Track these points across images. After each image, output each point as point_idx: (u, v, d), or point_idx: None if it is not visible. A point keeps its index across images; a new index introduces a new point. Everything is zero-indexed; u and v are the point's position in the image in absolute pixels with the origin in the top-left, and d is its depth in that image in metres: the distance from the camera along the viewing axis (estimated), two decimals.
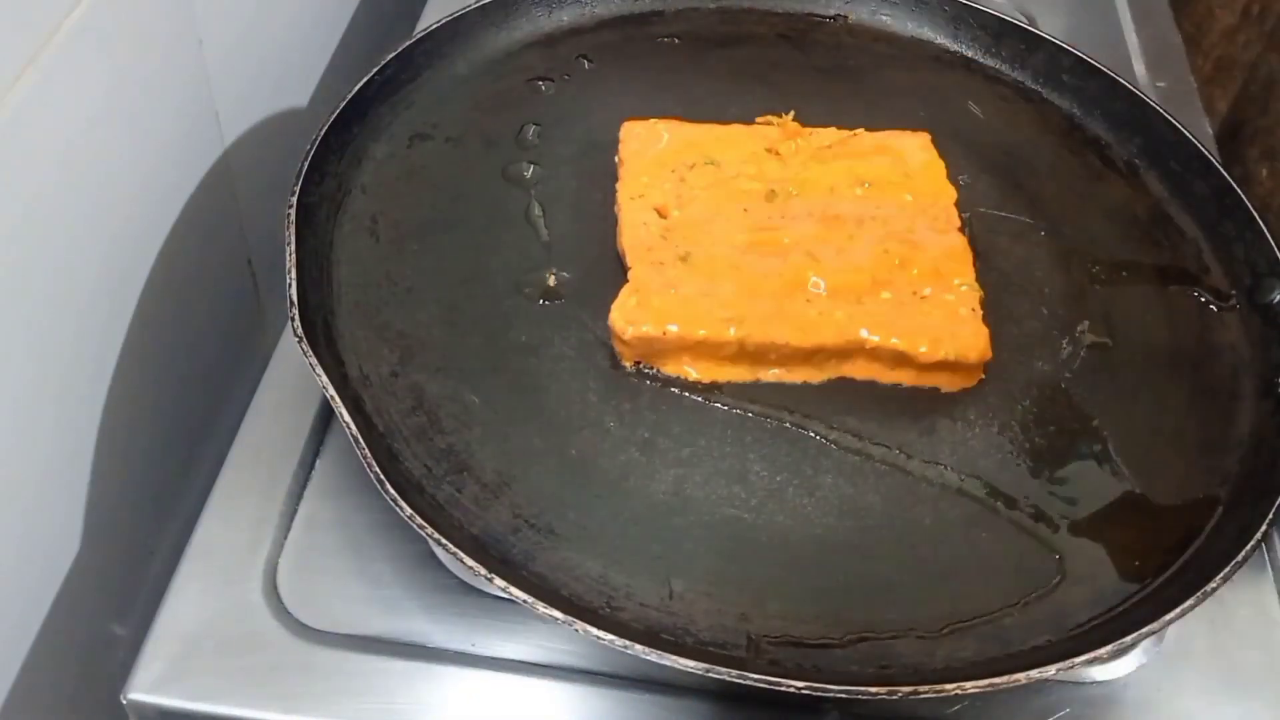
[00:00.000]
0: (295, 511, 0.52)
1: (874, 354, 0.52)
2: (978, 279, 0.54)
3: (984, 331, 0.52)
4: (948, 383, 0.52)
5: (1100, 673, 0.49)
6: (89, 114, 0.50)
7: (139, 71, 0.54)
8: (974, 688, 0.42)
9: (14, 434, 0.49)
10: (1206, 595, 0.44)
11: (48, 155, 0.48)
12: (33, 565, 0.52)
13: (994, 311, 0.53)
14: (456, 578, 0.50)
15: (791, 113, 0.60)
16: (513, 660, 0.48)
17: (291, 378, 0.57)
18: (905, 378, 0.52)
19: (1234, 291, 0.58)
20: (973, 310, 0.53)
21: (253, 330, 0.72)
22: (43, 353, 0.50)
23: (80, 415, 0.54)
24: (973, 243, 0.56)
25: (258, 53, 0.66)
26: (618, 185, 0.57)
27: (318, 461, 0.54)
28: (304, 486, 0.53)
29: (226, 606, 0.49)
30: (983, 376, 0.53)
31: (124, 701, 0.47)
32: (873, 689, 0.42)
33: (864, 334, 0.51)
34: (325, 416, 0.55)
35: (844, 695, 0.41)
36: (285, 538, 0.51)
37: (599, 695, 0.47)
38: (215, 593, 0.49)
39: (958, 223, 0.56)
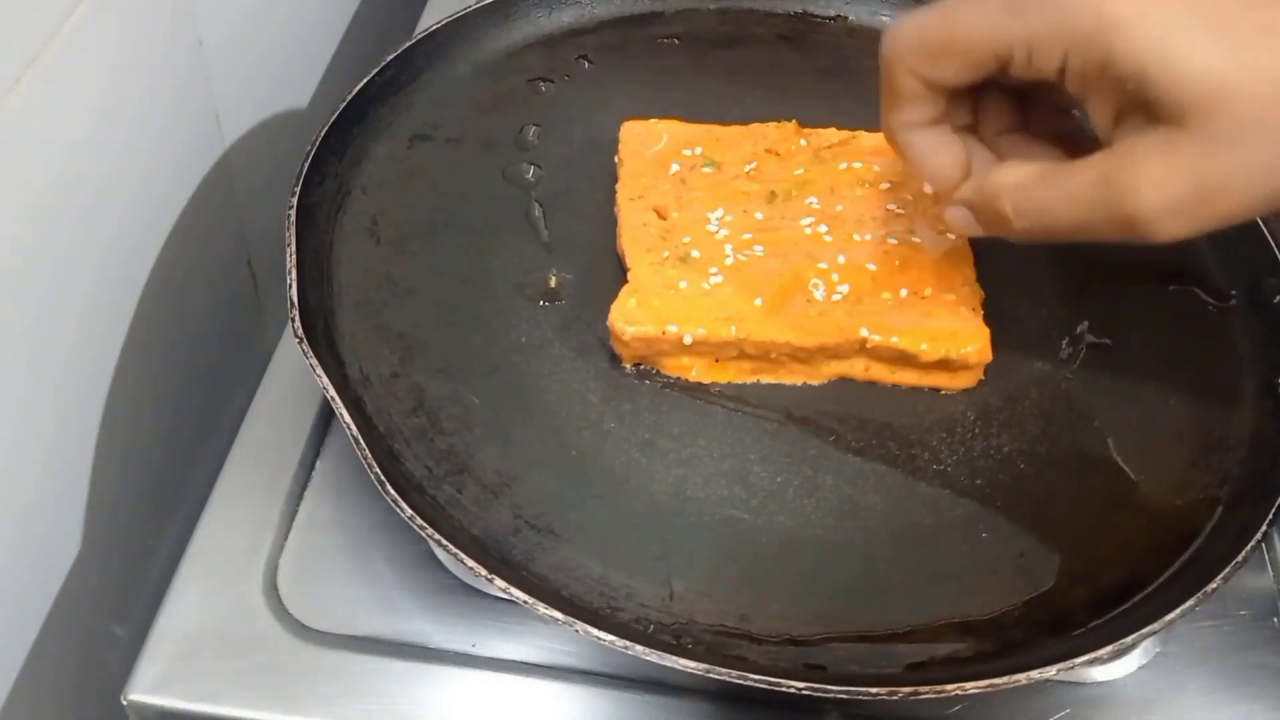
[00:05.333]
0: (295, 512, 0.53)
1: (874, 353, 0.52)
2: (978, 279, 0.54)
3: (985, 332, 0.52)
4: (948, 383, 0.52)
5: (1100, 673, 0.49)
6: (89, 115, 0.50)
7: (139, 72, 0.54)
8: (974, 688, 0.42)
9: (14, 434, 0.49)
10: (1207, 595, 0.44)
11: (48, 156, 0.48)
12: (33, 565, 0.52)
13: (994, 312, 0.53)
14: (457, 578, 0.50)
15: (794, 121, 0.60)
16: (513, 661, 0.48)
17: (291, 378, 0.57)
18: (905, 378, 0.52)
19: (1234, 291, 0.58)
20: (973, 310, 0.53)
21: (253, 330, 0.72)
22: (43, 353, 0.50)
23: (80, 415, 0.54)
24: (972, 243, 0.56)
25: (258, 53, 0.66)
26: (617, 186, 0.57)
27: (318, 462, 0.54)
28: (304, 487, 0.53)
29: (226, 607, 0.49)
30: (982, 377, 0.53)
31: (124, 702, 0.47)
32: (873, 689, 0.42)
33: (864, 333, 0.51)
34: (325, 417, 0.55)
35: (844, 695, 0.42)
36: (285, 538, 0.52)
37: (599, 695, 0.48)
38: (215, 593, 0.49)
39: None
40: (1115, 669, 0.49)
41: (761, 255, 0.53)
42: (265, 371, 0.58)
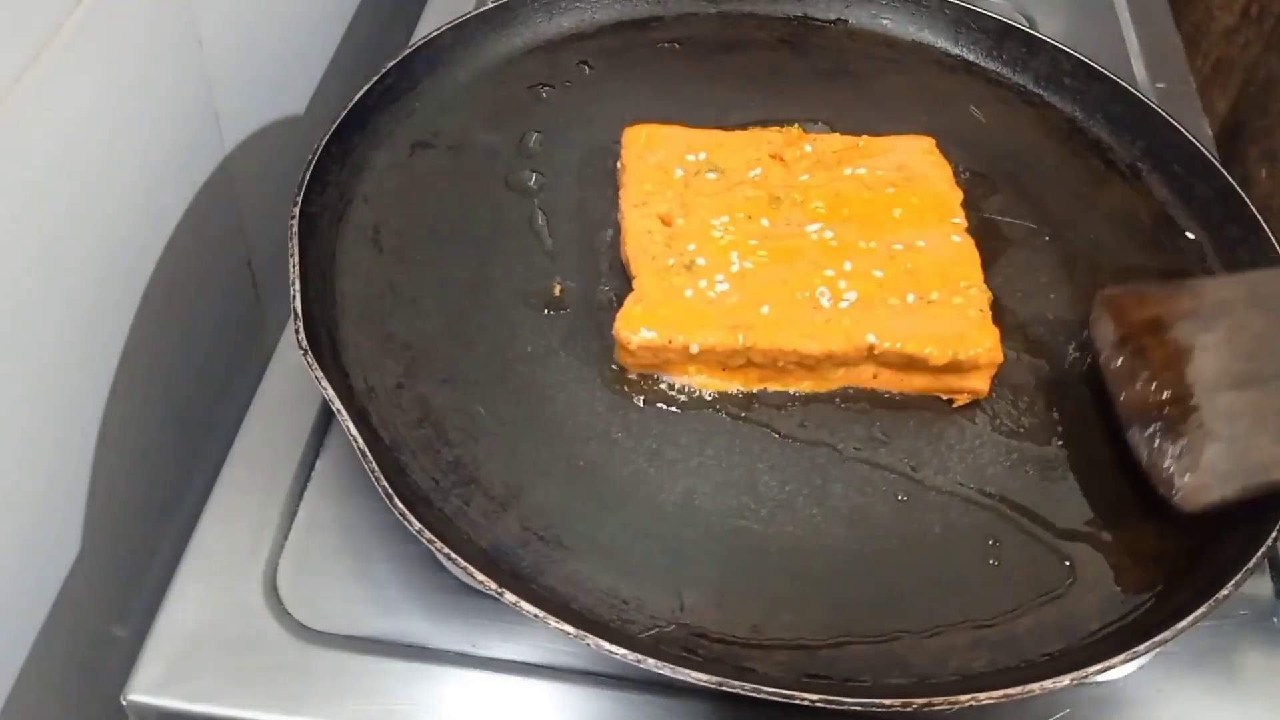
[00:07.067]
0: (295, 513, 0.52)
1: (882, 360, 0.51)
2: (985, 283, 0.54)
3: (994, 332, 0.52)
4: (958, 385, 0.52)
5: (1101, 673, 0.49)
6: (89, 116, 0.50)
7: (139, 73, 0.54)
8: (988, 698, 0.42)
9: (15, 434, 0.49)
10: (1219, 602, 0.44)
11: (49, 157, 0.48)
12: (33, 565, 0.51)
13: (1000, 317, 0.53)
14: (456, 579, 0.49)
15: (796, 125, 0.60)
16: (512, 661, 0.48)
17: (291, 379, 0.57)
18: (914, 384, 0.52)
19: None
20: (981, 312, 0.52)
21: (253, 331, 0.72)
22: (44, 354, 0.50)
23: (81, 416, 0.54)
24: (976, 247, 0.56)
25: (258, 55, 0.66)
26: (620, 193, 0.57)
27: (318, 462, 0.54)
28: (304, 487, 0.53)
29: (226, 607, 0.49)
30: (992, 383, 0.52)
31: (124, 703, 0.47)
32: (886, 700, 0.42)
33: (872, 339, 0.51)
34: (325, 418, 0.55)
35: (858, 708, 0.41)
36: (285, 539, 0.51)
37: (599, 696, 0.47)
38: (215, 594, 0.49)
39: (964, 226, 0.56)
40: (1115, 669, 0.49)
41: (767, 262, 0.53)
42: (265, 371, 0.58)
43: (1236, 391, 0.48)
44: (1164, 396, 0.48)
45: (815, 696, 0.41)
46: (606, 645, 0.42)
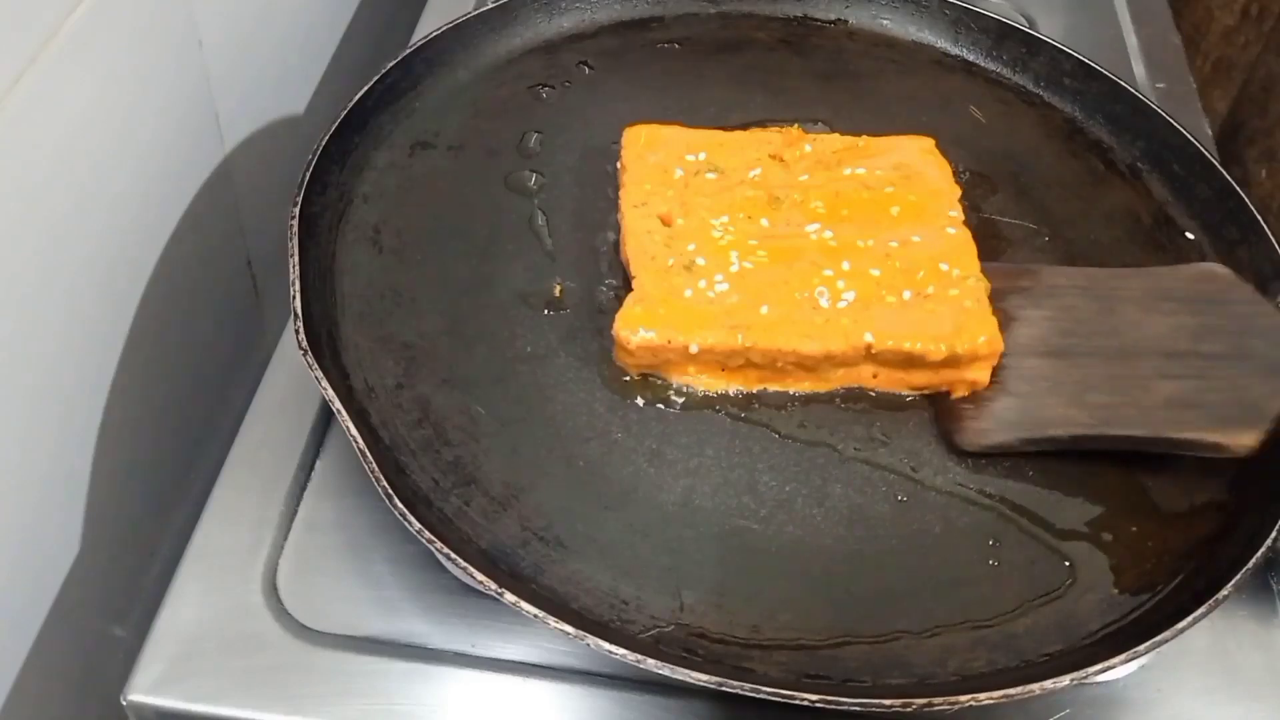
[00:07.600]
0: (295, 512, 0.52)
1: (881, 359, 0.51)
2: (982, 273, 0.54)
3: (993, 322, 0.51)
4: (958, 380, 0.52)
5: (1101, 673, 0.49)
6: (89, 115, 0.50)
7: (139, 73, 0.54)
8: (988, 699, 0.42)
9: (15, 435, 0.49)
10: (1219, 603, 0.44)
11: (48, 157, 0.48)
12: (33, 565, 0.52)
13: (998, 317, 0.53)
14: (456, 579, 0.49)
15: (796, 125, 0.60)
16: (512, 661, 0.48)
17: (291, 378, 0.57)
18: (916, 381, 0.52)
19: None
20: (978, 302, 0.52)
21: (253, 331, 0.72)
22: (44, 354, 0.50)
23: (81, 416, 0.54)
24: (975, 244, 0.56)
25: (258, 55, 0.66)
26: (620, 193, 0.57)
27: (317, 462, 0.54)
28: (304, 487, 0.53)
29: (226, 607, 0.49)
30: (991, 379, 0.52)
31: (124, 703, 0.47)
32: (886, 700, 0.42)
33: (870, 339, 0.51)
34: (325, 417, 0.55)
35: (858, 708, 0.41)
36: (285, 539, 0.51)
37: (599, 696, 0.47)
38: (215, 594, 0.49)
39: (960, 219, 0.56)
40: (1115, 669, 0.49)
41: (767, 262, 0.53)
42: (265, 371, 0.58)
43: (1043, 359, 0.53)
44: None
45: (815, 696, 0.41)
46: (606, 645, 0.42)
